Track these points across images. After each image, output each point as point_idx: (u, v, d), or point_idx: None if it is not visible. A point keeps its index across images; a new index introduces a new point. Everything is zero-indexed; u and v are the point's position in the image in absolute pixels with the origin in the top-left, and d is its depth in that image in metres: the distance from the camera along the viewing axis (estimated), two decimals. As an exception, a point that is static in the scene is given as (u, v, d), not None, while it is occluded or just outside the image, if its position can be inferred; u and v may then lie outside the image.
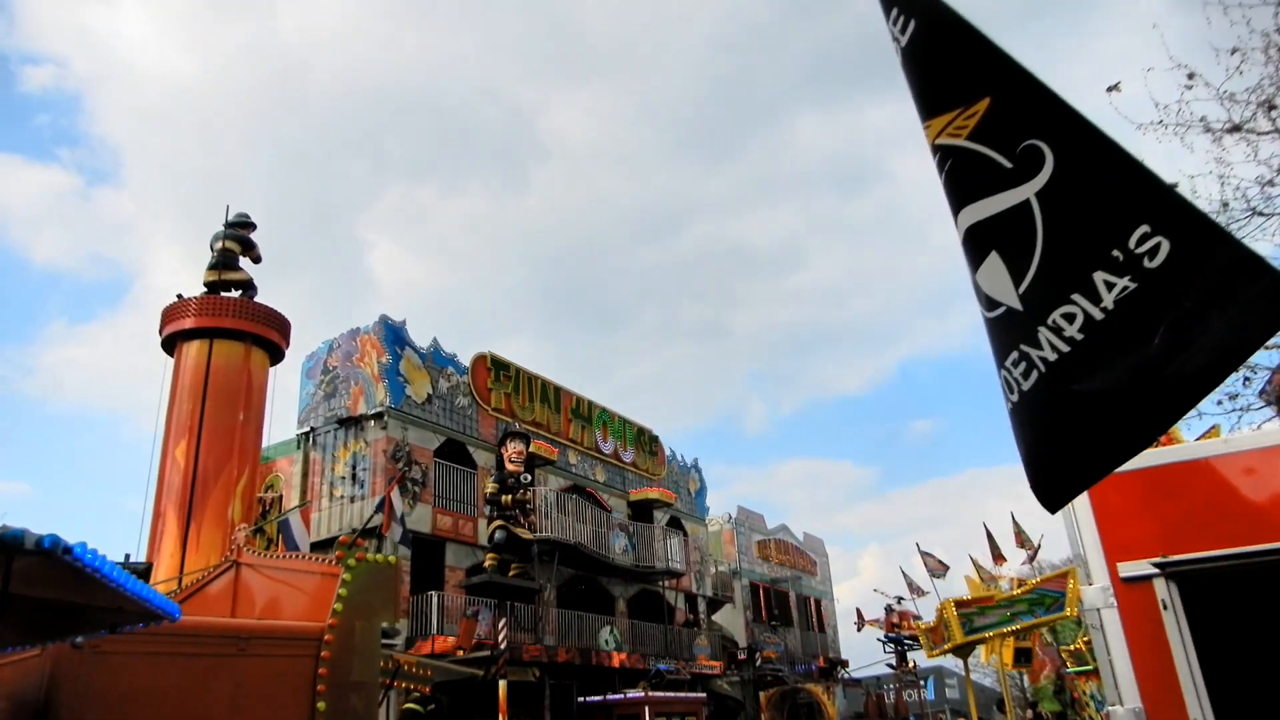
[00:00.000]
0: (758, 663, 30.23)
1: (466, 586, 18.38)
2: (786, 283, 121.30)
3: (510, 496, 19.47)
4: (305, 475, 21.04)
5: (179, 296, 18.18)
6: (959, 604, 15.86)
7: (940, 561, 26.27)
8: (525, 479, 19.95)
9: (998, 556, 21.99)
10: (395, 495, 8.44)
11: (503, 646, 18.34)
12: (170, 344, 18.19)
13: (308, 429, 21.47)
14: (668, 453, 31.46)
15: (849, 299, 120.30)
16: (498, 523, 18.62)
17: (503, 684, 17.67)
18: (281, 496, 21.25)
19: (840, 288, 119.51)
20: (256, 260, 19.83)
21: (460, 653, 18.51)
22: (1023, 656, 21.78)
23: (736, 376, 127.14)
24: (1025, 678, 24.63)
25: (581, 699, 22.44)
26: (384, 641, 9.82)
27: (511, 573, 19.75)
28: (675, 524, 30.03)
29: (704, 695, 25.12)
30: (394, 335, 21.04)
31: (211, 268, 18.90)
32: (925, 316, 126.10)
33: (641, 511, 28.27)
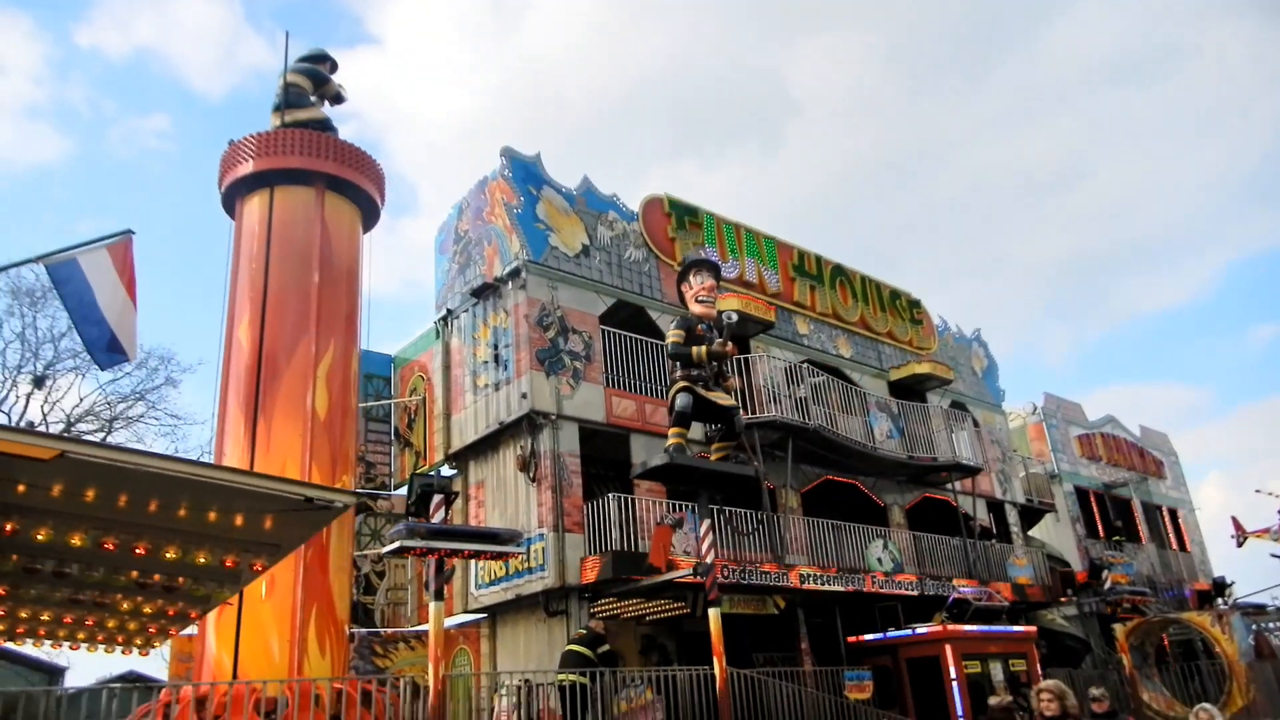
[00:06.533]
0: (1105, 586, 21.99)
1: (642, 474, 12.59)
2: (1073, 198, 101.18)
3: (705, 348, 13.31)
4: (447, 369, 16.41)
5: (231, 142, 14.08)
6: None
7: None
8: (730, 318, 13.62)
9: None
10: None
11: (709, 561, 12.48)
12: (231, 205, 14.19)
13: (444, 312, 16.85)
14: (937, 322, 23.87)
15: (1150, 205, 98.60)
16: (680, 385, 12.68)
17: (714, 614, 11.85)
18: (425, 399, 16.83)
19: (1138, 193, 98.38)
20: (336, 101, 15.42)
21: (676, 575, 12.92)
22: None
23: (1031, 312, 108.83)
24: None
25: (851, 638, 16.09)
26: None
27: (716, 455, 13.78)
28: (960, 409, 22.49)
29: (1034, 629, 17.77)
30: (525, 174, 15.78)
31: (275, 110, 14.68)
32: (1255, 207, 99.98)
33: (908, 395, 21.17)
